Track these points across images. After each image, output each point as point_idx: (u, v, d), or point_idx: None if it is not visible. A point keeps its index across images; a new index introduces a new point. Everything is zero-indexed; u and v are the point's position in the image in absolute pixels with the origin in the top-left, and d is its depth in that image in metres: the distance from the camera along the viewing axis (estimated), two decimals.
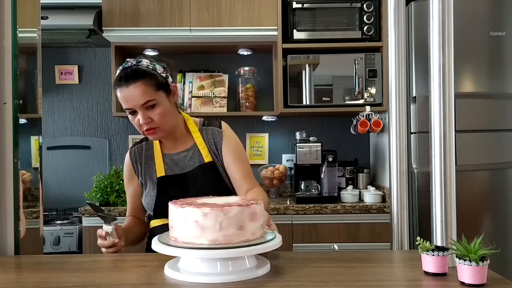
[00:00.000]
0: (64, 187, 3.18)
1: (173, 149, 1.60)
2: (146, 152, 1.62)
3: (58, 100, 3.25)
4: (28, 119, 1.46)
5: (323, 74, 2.83)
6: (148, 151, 1.62)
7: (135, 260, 1.22)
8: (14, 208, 1.33)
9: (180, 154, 1.58)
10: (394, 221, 1.49)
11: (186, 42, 2.92)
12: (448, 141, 1.16)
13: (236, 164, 1.54)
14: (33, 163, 1.49)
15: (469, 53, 2.46)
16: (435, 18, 1.16)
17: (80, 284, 0.99)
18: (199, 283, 0.97)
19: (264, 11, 2.83)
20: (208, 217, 0.98)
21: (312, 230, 2.61)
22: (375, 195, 2.73)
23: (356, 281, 0.99)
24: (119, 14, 2.82)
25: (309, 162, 2.83)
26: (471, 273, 0.93)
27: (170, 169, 1.57)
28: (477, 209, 2.45)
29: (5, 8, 1.34)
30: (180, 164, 1.57)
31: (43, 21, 2.55)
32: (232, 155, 1.55)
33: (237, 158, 1.56)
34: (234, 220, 0.99)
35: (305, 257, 1.22)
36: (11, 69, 1.34)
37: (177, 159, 1.58)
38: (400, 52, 1.50)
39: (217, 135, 1.58)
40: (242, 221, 1.00)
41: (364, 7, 2.82)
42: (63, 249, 2.63)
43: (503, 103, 2.50)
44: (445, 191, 1.15)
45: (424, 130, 2.44)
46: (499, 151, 2.49)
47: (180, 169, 1.57)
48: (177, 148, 1.59)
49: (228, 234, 0.99)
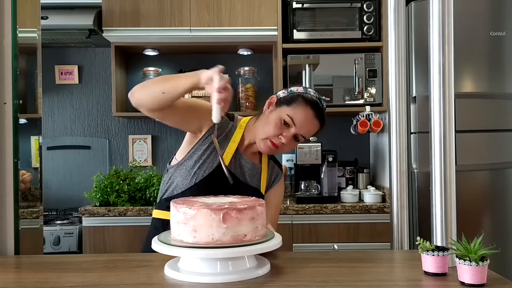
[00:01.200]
0: (64, 187, 3.18)
1: (244, 153, 1.55)
2: (228, 132, 1.53)
3: (58, 100, 3.25)
4: (28, 119, 1.46)
5: (323, 74, 2.83)
6: (230, 132, 1.53)
7: (135, 260, 1.22)
8: (14, 208, 1.33)
9: (247, 162, 1.54)
10: (394, 221, 1.49)
11: (186, 42, 2.92)
12: (448, 141, 1.16)
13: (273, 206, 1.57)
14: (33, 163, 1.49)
15: (469, 53, 2.46)
16: (435, 18, 1.16)
17: (80, 284, 0.99)
18: (199, 283, 0.97)
19: (264, 11, 2.83)
20: (209, 217, 0.98)
21: (312, 230, 2.60)
22: (375, 195, 2.73)
23: (356, 281, 0.99)
24: (119, 14, 2.82)
25: (309, 162, 2.83)
26: (471, 273, 0.93)
27: (234, 165, 1.51)
28: (477, 209, 2.45)
29: (5, 8, 1.34)
30: (241, 169, 1.53)
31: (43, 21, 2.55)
32: (273, 198, 1.59)
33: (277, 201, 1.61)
34: (236, 220, 0.99)
35: (305, 257, 1.22)
36: (11, 69, 1.34)
37: (242, 163, 1.53)
38: (400, 52, 1.50)
39: (277, 176, 1.63)
40: (244, 221, 1.00)
41: (364, 7, 2.82)
42: (63, 249, 2.63)
43: (503, 103, 2.50)
44: (445, 191, 1.15)
45: (424, 130, 2.44)
46: (499, 151, 2.49)
47: (239, 173, 1.51)
48: (247, 155, 1.55)
49: (229, 234, 0.99)
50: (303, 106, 1.46)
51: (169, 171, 1.53)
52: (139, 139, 3.24)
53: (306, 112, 1.46)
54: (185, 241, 1.01)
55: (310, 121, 1.46)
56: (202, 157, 1.47)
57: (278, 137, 1.45)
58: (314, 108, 1.47)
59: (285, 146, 1.48)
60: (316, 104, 1.48)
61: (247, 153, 1.55)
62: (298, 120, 1.45)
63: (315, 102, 1.49)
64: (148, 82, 1.44)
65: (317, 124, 1.48)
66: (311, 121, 1.47)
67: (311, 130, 1.49)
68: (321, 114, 1.49)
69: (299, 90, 1.50)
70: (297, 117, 1.45)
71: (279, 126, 1.45)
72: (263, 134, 1.47)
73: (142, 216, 2.56)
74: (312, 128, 1.49)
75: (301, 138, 1.49)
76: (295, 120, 1.45)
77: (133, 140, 3.24)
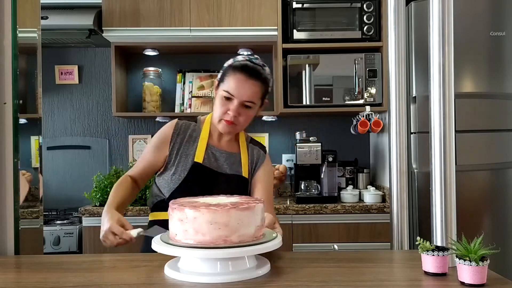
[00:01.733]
0: (64, 187, 3.18)
1: (217, 145, 1.61)
2: (192, 133, 1.60)
3: (58, 100, 3.25)
4: (28, 119, 1.46)
5: (323, 74, 2.83)
6: (194, 132, 1.60)
7: (135, 260, 1.22)
8: (14, 208, 1.33)
9: (222, 153, 1.59)
10: (394, 221, 1.49)
11: (186, 42, 2.92)
12: (448, 141, 1.16)
13: (263, 187, 1.59)
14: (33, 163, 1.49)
15: (469, 53, 2.46)
16: (435, 18, 1.16)
17: (80, 284, 0.99)
18: (199, 283, 0.97)
19: (264, 11, 2.83)
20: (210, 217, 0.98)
21: (312, 230, 2.61)
22: (375, 195, 2.73)
23: (356, 281, 0.99)
24: (119, 14, 2.82)
25: (309, 162, 2.83)
26: (471, 273, 0.93)
27: (208, 160, 1.56)
28: (477, 209, 2.45)
29: (5, 8, 1.34)
30: (218, 161, 1.57)
31: (43, 21, 2.55)
32: (262, 178, 1.61)
33: (266, 181, 1.61)
34: (236, 220, 0.99)
35: (305, 257, 1.22)
36: (11, 69, 1.34)
37: (217, 155, 1.58)
38: (400, 52, 1.50)
39: (260, 157, 1.64)
40: (243, 221, 1.00)
41: (364, 7, 2.82)
42: (63, 249, 2.63)
43: (503, 103, 2.50)
44: (445, 191, 1.15)
45: (424, 130, 2.44)
46: (499, 151, 2.49)
47: (216, 166, 1.57)
48: (221, 146, 1.61)
49: (229, 234, 0.99)
50: (232, 74, 1.50)
51: (155, 179, 1.64)
52: (139, 139, 3.24)
53: (236, 78, 1.49)
54: (187, 241, 1.01)
55: (244, 84, 1.48)
56: (174, 163, 1.56)
57: (227, 113, 1.50)
58: (244, 70, 1.49)
59: (239, 118, 1.51)
60: (245, 66, 1.51)
61: (222, 144, 1.61)
62: (233, 89, 1.48)
63: (243, 65, 1.51)
64: None
65: (254, 83, 1.49)
66: (245, 84, 1.48)
67: (251, 92, 1.49)
68: (254, 73, 1.50)
69: (229, 63, 1.55)
70: (230, 87, 1.49)
71: (222, 103, 1.51)
72: (215, 118, 1.54)
73: (142, 216, 2.56)
74: (251, 90, 1.49)
75: (250, 104, 1.50)
76: (231, 91, 1.49)
77: (133, 140, 3.24)
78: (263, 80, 1.52)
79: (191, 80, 3.13)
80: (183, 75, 3.15)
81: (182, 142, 1.58)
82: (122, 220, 1.35)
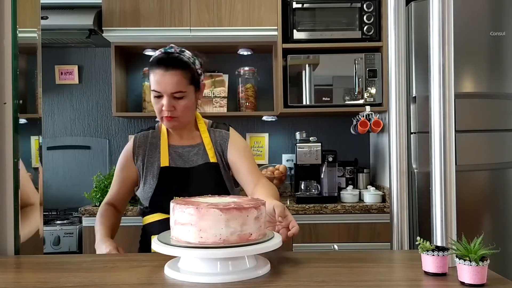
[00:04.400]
0: (64, 187, 3.18)
1: (179, 142, 1.61)
2: (152, 140, 1.62)
3: (58, 100, 3.26)
4: (28, 119, 1.46)
5: (323, 74, 2.83)
6: (154, 139, 1.62)
7: (135, 260, 1.22)
8: (14, 208, 1.33)
9: (185, 148, 1.59)
10: (394, 221, 1.49)
11: (186, 42, 2.92)
12: (448, 141, 1.16)
13: (242, 160, 1.57)
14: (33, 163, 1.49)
15: (469, 53, 2.46)
16: (435, 18, 1.16)
17: (80, 284, 0.99)
18: (199, 283, 0.97)
19: (264, 11, 2.83)
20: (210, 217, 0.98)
21: (312, 230, 2.61)
22: (375, 195, 2.73)
23: (356, 281, 0.99)
24: (119, 14, 2.82)
25: (309, 162, 2.83)
26: (471, 273, 0.93)
27: (173, 161, 1.58)
28: (477, 209, 2.45)
29: (5, 8, 1.34)
30: (183, 158, 1.58)
31: (43, 21, 2.55)
32: (237, 153, 1.59)
33: (242, 154, 1.59)
34: (236, 220, 0.99)
35: (305, 257, 1.22)
36: (11, 69, 1.34)
37: (181, 152, 1.59)
38: (400, 52, 1.50)
39: (224, 137, 1.61)
40: (244, 221, 1.00)
41: (364, 7, 2.82)
42: (63, 249, 2.63)
43: (503, 103, 2.50)
44: (445, 191, 1.15)
45: (424, 130, 2.44)
46: (499, 151, 2.49)
47: (183, 163, 1.57)
48: (183, 142, 1.61)
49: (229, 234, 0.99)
50: (152, 72, 1.50)
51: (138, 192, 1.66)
52: None
53: (156, 74, 1.48)
54: (187, 241, 1.00)
55: (163, 77, 1.47)
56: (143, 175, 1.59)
57: (162, 110, 1.49)
58: (160, 64, 1.48)
59: (176, 111, 1.50)
60: (159, 60, 1.49)
61: (184, 140, 1.61)
62: (157, 86, 1.48)
63: (158, 59, 1.50)
64: None
65: (174, 73, 1.47)
66: (165, 77, 1.47)
67: (174, 83, 1.47)
68: (170, 63, 1.48)
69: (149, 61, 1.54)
70: (154, 84, 1.48)
71: (156, 102, 1.50)
72: (157, 117, 1.54)
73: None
74: (173, 80, 1.47)
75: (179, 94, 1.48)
76: (156, 89, 1.48)
77: None
78: (184, 65, 1.49)
79: None
80: None
81: (145, 153, 1.60)
82: (119, 250, 1.42)
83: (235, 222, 0.99)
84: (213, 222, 0.98)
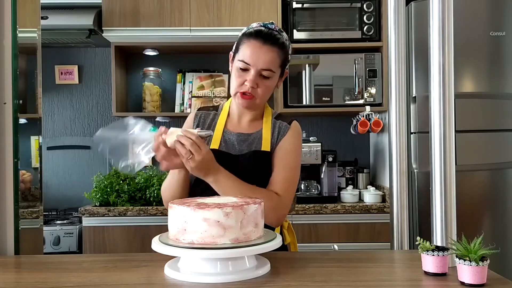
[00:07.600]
0: (64, 187, 3.18)
1: (237, 128, 1.51)
2: (211, 122, 1.54)
3: (58, 100, 3.25)
4: (28, 119, 1.46)
5: (323, 74, 2.83)
6: (214, 121, 1.54)
7: (135, 260, 1.22)
8: (14, 208, 1.33)
9: (240, 136, 1.49)
10: (394, 221, 1.49)
11: (186, 42, 2.92)
12: (448, 141, 1.16)
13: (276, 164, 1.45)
14: (33, 163, 1.49)
15: (469, 53, 2.46)
16: (435, 18, 1.16)
17: (80, 284, 0.99)
18: (199, 283, 0.97)
19: (264, 11, 2.83)
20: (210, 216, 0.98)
21: (312, 230, 2.61)
22: (375, 195, 2.73)
23: (356, 281, 0.99)
24: (119, 14, 2.82)
25: (309, 162, 2.83)
26: (471, 273, 0.93)
27: (226, 145, 1.48)
28: (477, 209, 2.45)
29: (5, 8, 1.34)
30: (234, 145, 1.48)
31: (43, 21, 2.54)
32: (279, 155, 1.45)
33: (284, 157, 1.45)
34: (236, 220, 0.99)
35: (305, 257, 1.22)
36: (11, 69, 1.34)
37: (233, 139, 1.48)
38: (400, 52, 1.50)
39: (283, 129, 1.50)
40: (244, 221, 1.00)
41: (364, 7, 2.82)
42: (63, 249, 2.63)
43: (503, 103, 2.50)
44: (445, 191, 1.15)
45: (424, 130, 2.44)
46: (499, 151, 2.49)
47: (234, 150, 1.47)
48: (240, 129, 1.51)
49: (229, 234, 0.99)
50: (246, 42, 1.40)
51: None
52: None
53: (251, 45, 1.39)
54: (187, 241, 1.00)
55: (259, 50, 1.38)
56: None
57: (244, 85, 1.40)
58: (258, 36, 1.39)
59: (257, 90, 1.40)
60: (259, 32, 1.40)
61: (242, 126, 1.51)
62: (248, 57, 1.38)
63: (257, 30, 1.41)
64: None
65: (270, 49, 1.38)
66: (261, 50, 1.38)
67: (268, 59, 1.38)
68: (269, 37, 1.39)
69: (242, 31, 1.46)
70: (245, 55, 1.39)
71: (239, 75, 1.41)
72: (232, 92, 1.45)
73: (142, 216, 2.56)
74: (267, 55, 1.38)
75: (268, 72, 1.39)
76: (246, 60, 1.38)
77: None
78: (281, 45, 1.40)
79: (191, 80, 3.13)
80: (183, 75, 3.15)
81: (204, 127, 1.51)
82: None
83: (235, 222, 0.99)
84: (213, 222, 0.98)
